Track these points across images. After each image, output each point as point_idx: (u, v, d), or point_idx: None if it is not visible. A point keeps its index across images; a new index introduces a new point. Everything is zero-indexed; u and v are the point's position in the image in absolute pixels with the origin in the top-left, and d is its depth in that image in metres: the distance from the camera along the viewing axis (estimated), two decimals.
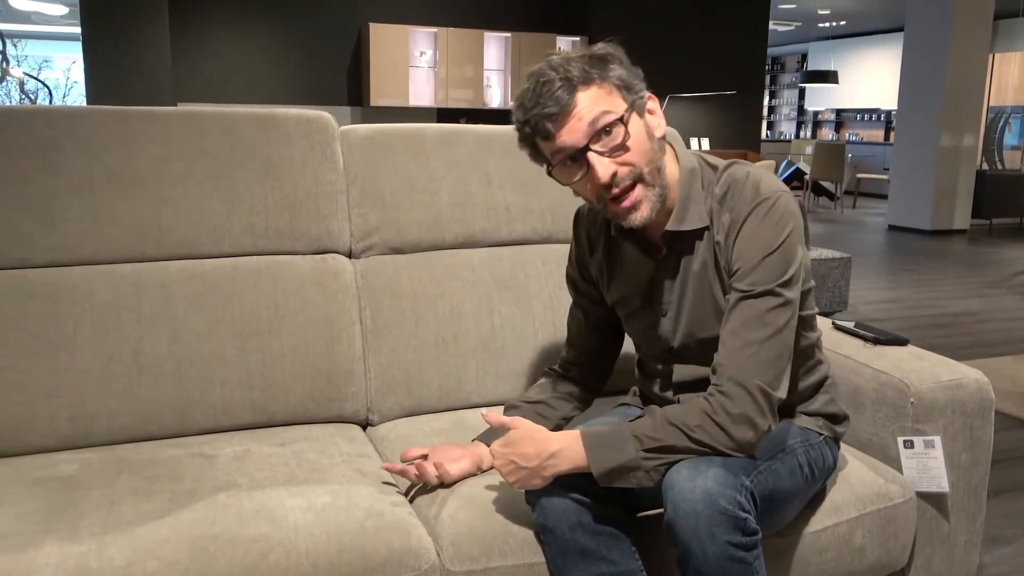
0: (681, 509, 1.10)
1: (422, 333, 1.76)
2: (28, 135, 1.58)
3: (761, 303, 1.22)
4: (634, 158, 1.23)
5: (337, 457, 1.49)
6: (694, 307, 1.34)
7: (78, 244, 1.59)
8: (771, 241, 1.23)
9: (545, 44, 7.76)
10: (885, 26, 13.74)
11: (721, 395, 1.18)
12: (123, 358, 1.57)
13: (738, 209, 1.27)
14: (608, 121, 1.21)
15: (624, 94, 1.24)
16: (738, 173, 1.30)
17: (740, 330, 1.21)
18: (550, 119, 1.21)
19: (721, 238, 1.29)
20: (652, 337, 1.41)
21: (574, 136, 1.21)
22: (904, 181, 9.10)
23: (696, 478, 1.11)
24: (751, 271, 1.23)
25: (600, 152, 1.21)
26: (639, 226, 1.26)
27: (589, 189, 1.25)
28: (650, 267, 1.38)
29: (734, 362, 1.20)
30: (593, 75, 1.23)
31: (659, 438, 1.17)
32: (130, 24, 5.95)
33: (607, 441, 1.18)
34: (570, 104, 1.21)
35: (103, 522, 1.22)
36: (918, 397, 1.53)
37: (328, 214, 1.77)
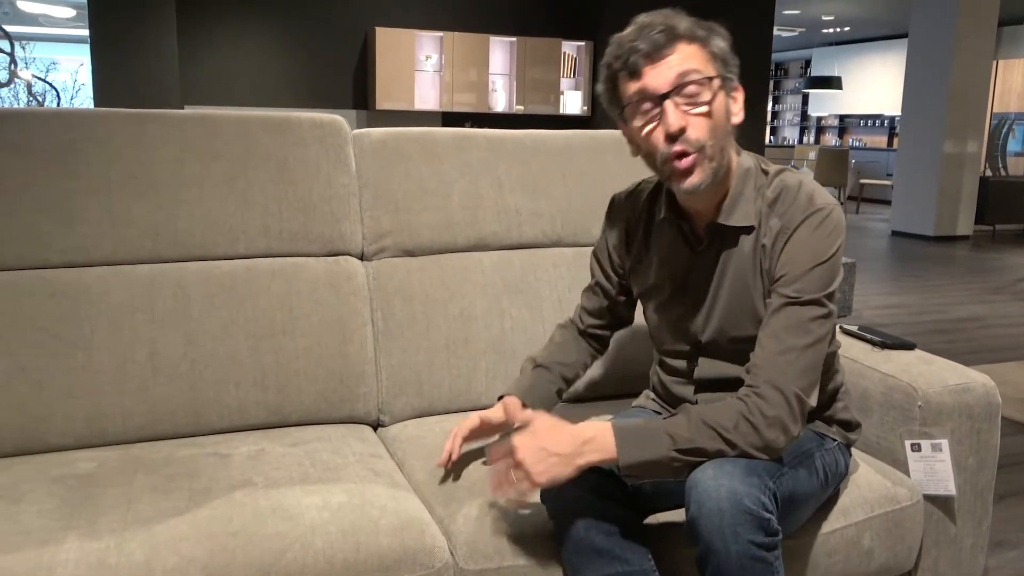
0: (706, 507, 1.11)
1: (433, 335, 1.78)
2: (47, 137, 1.60)
3: (806, 311, 1.23)
4: (706, 127, 1.24)
5: (350, 457, 1.50)
6: (729, 304, 1.35)
7: (95, 245, 1.61)
8: (822, 252, 1.25)
9: (550, 49, 7.79)
10: (889, 32, 13.76)
11: (758, 397, 1.19)
12: (138, 358, 1.58)
13: (789, 216, 1.28)
14: (696, 79, 1.22)
15: (718, 66, 1.26)
16: (790, 180, 1.32)
17: (782, 335, 1.22)
18: (643, 56, 1.22)
19: (768, 242, 1.30)
20: (680, 329, 1.42)
21: (660, 80, 1.22)
22: (908, 187, 9.11)
23: (721, 477, 1.12)
24: (799, 278, 1.24)
25: (677, 104, 1.23)
26: (690, 191, 1.26)
27: (654, 138, 1.25)
28: (689, 257, 1.39)
29: (773, 366, 1.21)
30: (698, 34, 1.25)
31: (693, 438, 1.17)
32: (138, 26, 5.98)
33: (639, 437, 1.18)
34: (666, 49, 1.22)
35: (122, 519, 1.23)
36: (925, 401, 1.54)
37: (341, 217, 1.79)
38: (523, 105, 7.87)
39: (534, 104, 7.90)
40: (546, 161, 1.98)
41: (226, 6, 6.92)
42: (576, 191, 1.98)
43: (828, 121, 16.21)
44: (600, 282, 1.56)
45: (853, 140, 15.58)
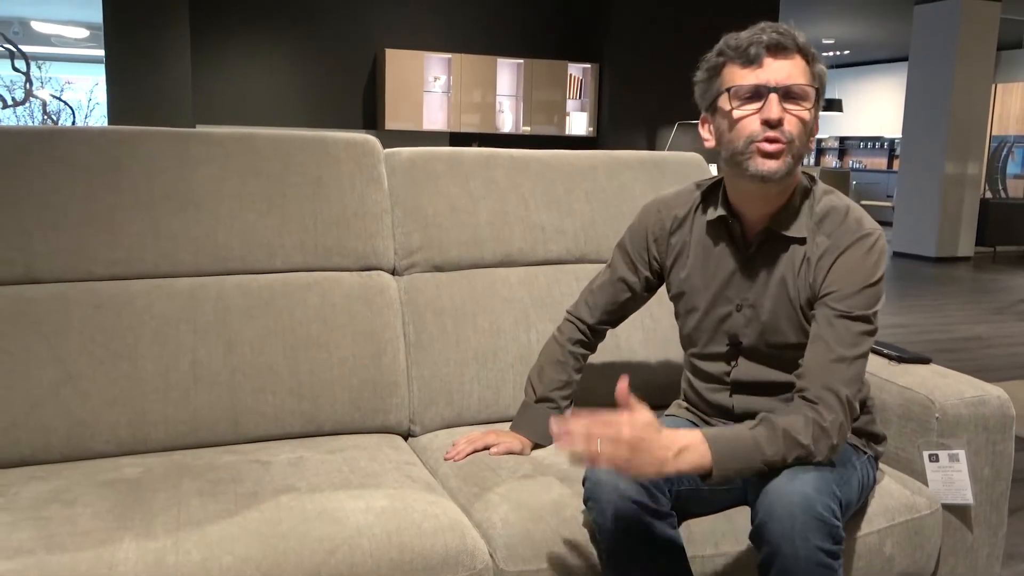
0: (777, 512, 1.15)
1: (462, 347, 1.83)
2: (93, 154, 1.66)
3: (856, 325, 1.30)
4: (799, 128, 1.31)
5: (387, 464, 1.55)
6: (774, 310, 1.41)
7: (139, 258, 1.67)
8: (871, 274, 1.32)
9: (557, 71, 7.90)
10: (889, 56, 13.92)
11: (822, 403, 1.25)
12: (180, 367, 1.64)
13: (838, 236, 1.35)
14: (805, 86, 1.31)
15: (816, 88, 1.34)
16: (838, 203, 1.39)
17: (834, 345, 1.29)
18: (766, 48, 1.29)
19: (813, 257, 1.37)
20: (720, 330, 1.47)
21: (777, 74, 1.29)
22: (909, 208, 9.20)
23: (795, 483, 1.17)
24: (850, 296, 1.31)
25: (780, 101, 1.29)
26: (765, 175, 1.30)
27: (747, 122, 1.31)
28: (737, 259, 1.44)
29: (829, 373, 1.27)
30: (811, 52, 1.34)
31: (779, 451, 1.21)
32: (152, 47, 6.08)
33: (733, 449, 1.21)
34: (788, 51, 1.31)
35: (175, 520, 1.28)
36: (943, 412, 1.59)
37: (374, 233, 1.85)
38: (529, 126, 7.96)
39: (540, 125, 7.99)
40: (569, 180, 2.04)
41: (239, 27, 7.03)
42: (599, 209, 2.04)
43: (828, 143, 16.33)
44: (624, 276, 1.61)
45: (853, 162, 15.69)
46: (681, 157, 2.22)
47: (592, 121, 8.12)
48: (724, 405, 1.49)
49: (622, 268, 1.61)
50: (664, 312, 1.97)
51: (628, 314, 1.66)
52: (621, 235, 2.01)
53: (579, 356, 1.65)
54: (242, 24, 7.03)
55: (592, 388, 1.89)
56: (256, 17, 7.07)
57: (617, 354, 1.93)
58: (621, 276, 1.61)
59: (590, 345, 1.67)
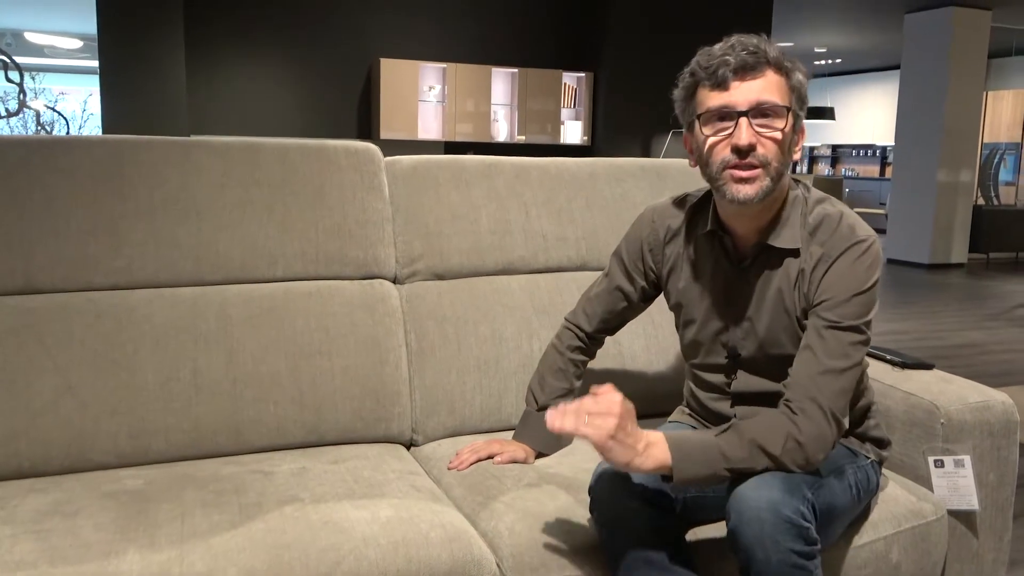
0: (746, 516, 1.16)
1: (464, 356, 1.83)
2: (95, 163, 1.65)
3: (846, 336, 1.29)
4: (774, 149, 1.29)
5: (390, 474, 1.54)
6: (771, 322, 1.40)
7: (140, 267, 1.66)
8: (863, 281, 1.31)
9: (552, 80, 7.91)
10: (880, 64, 13.99)
11: (803, 415, 1.24)
12: (181, 377, 1.62)
13: (831, 244, 1.34)
14: (776, 105, 1.28)
15: (794, 100, 1.32)
16: (831, 210, 1.38)
17: (823, 356, 1.28)
18: (732, 71, 1.27)
19: (807, 267, 1.35)
20: (719, 342, 1.47)
21: (745, 96, 1.27)
22: (902, 216, 9.23)
23: (761, 488, 1.17)
24: (840, 304, 1.30)
25: (751, 124, 1.28)
26: (740, 201, 1.29)
27: (717, 149, 1.30)
28: (730, 273, 1.43)
29: (815, 384, 1.26)
30: (784, 64, 1.31)
31: (744, 458, 1.21)
32: (147, 57, 6.07)
33: (694, 452, 1.21)
34: (755, 70, 1.28)
35: (179, 531, 1.27)
36: (947, 418, 1.59)
37: (375, 241, 1.84)
38: (524, 135, 7.97)
39: (535, 134, 8.00)
40: (571, 188, 2.04)
41: (234, 38, 7.03)
42: (600, 216, 2.04)
43: (820, 151, 16.40)
44: (621, 286, 1.60)
45: (845, 169, 15.76)
46: (682, 164, 2.22)
47: (587, 130, 8.14)
48: (726, 415, 1.48)
49: (619, 277, 1.61)
50: (666, 319, 1.97)
51: (626, 322, 1.66)
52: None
53: (579, 363, 1.65)
54: (237, 35, 7.03)
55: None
56: (251, 27, 7.07)
57: (619, 361, 1.92)
58: (618, 285, 1.61)
59: (589, 352, 1.67)
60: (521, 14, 7.99)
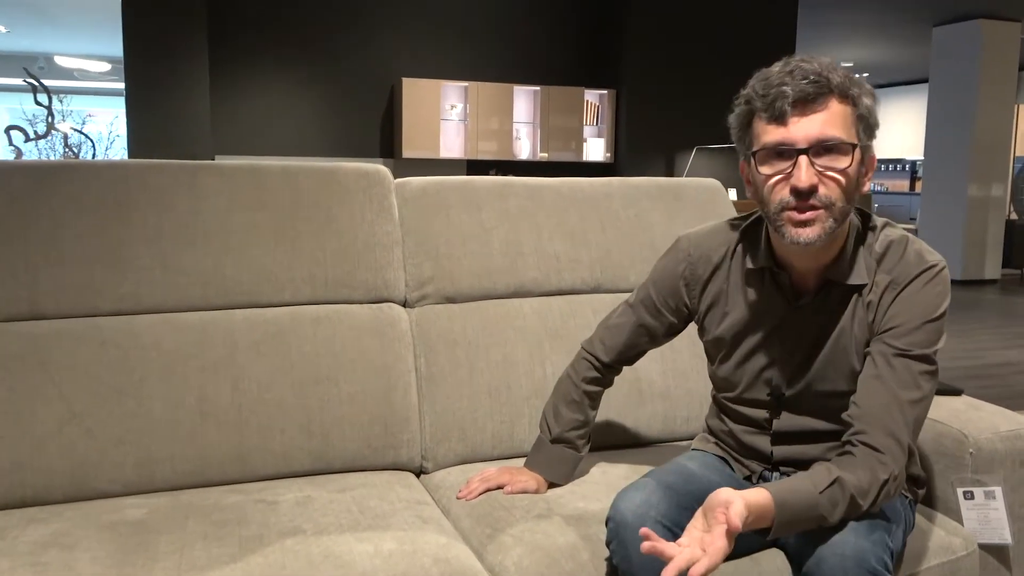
0: (828, 564, 1.10)
1: (475, 381, 1.79)
2: (104, 188, 1.64)
3: (916, 365, 1.23)
4: (837, 190, 1.20)
5: (398, 504, 1.50)
6: (825, 360, 1.32)
7: (147, 293, 1.64)
8: (933, 308, 1.24)
9: (573, 97, 7.90)
10: (909, 78, 13.84)
11: (888, 454, 1.18)
12: (187, 404, 1.60)
13: (900, 271, 1.27)
14: (840, 140, 1.18)
15: (862, 130, 1.23)
16: (895, 236, 1.31)
17: (894, 386, 1.21)
18: (792, 103, 1.17)
19: (875, 297, 1.28)
20: (763, 379, 1.39)
21: (805, 132, 1.17)
22: (933, 231, 9.08)
23: (846, 532, 1.12)
24: (911, 332, 1.23)
25: (812, 163, 1.18)
26: (801, 243, 1.21)
27: (776, 189, 1.21)
28: (785, 309, 1.35)
29: (890, 417, 1.20)
30: (850, 92, 1.20)
31: (842, 512, 1.16)
32: (171, 80, 6.14)
33: (797, 515, 1.14)
34: (817, 103, 1.17)
35: (176, 565, 1.24)
36: (977, 448, 1.52)
37: (385, 264, 1.81)
38: (547, 152, 7.96)
39: (557, 151, 7.98)
40: (584, 208, 2.00)
41: (257, 59, 7.10)
42: (614, 238, 2.00)
43: None
44: (646, 323, 1.52)
45: (874, 184, 15.57)
46: (700, 184, 2.18)
47: (609, 147, 8.10)
48: (762, 451, 1.42)
49: (643, 314, 1.52)
50: (684, 344, 1.91)
51: (644, 353, 1.60)
52: (637, 264, 1.98)
53: (594, 395, 1.59)
54: (260, 55, 7.10)
55: (610, 421, 1.83)
56: (274, 48, 7.14)
57: (636, 386, 1.87)
58: (642, 322, 1.52)
59: (605, 381, 1.61)
60: (542, 32, 7.99)
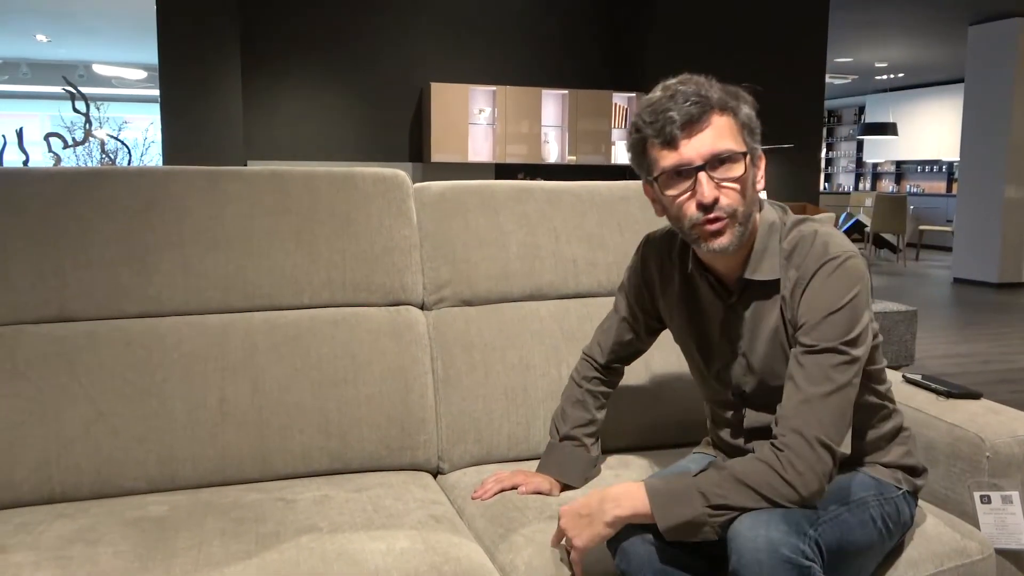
0: (745, 558, 1.11)
1: (492, 383, 1.81)
2: (130, 194, 1.69)
3: (824, 359, 1.23)
4: (737, 196, 1.26)
5: (412, 503, 1.53)
6: (766, 355, 1.36)
7: (169, 296, 1.69)
8: (836, 299, 1.25)
9: (601, 100, 7.89)
10: (944, 78, 13.62)
11: (787, 449, 1.19)
12: (209, 405, 1.64)
13: (805, 266, 1.29)
14: (731, 151, 1.25)
15: (746, 135, 1.28)
16: (806, 231, 1.33)
17: (803, 384, 1.23)
18: (680, 127, 1.23)
19: (787, 293, 1.32)
20: (723, 380, 1.43)
21: (697, 151, 1.24)
22: (969, 233, 8.92)
23: (758, 527, 1.12)
24: (815, 327, 1.25)
25: (711, 177, 1.24)
26: (717, 251, 1.28)
27: (684, 207, 1.27)
28: (721, 309, 1.40)
29: (797, 415, 1.21)
30: (729, 104, 1.27)
31: (725, 495, 1.17)
32: (204, 86, 6.25)
33: (673, 495, 1.19)
34: (701, 121, 1.24)
35: (194, 561, 1.27)
36: (994, 451, 1.51)
37: (402, 268, 1.84)
38: (575, 155, 7.96)
39: (586, 155, 7.98)
40: (602, 212, 2.01)
41: (287, 66, 7.20)
42: (632, 241, 2.00)
43: (884, 167, 16.01)
44: (627, 319, 1.60)
45: (911, 186, 15.34)
46: None
47: None
48: (743, 450, 1.44)
49: (624, 311, 1.61)
50: None
51: (639, 353, 1.65)
52: None
53: (598, 394, 1.63)
54: (291, 61, 7.20)
55: (624, 424, 1.84)
56: (305, 54, 7.23)
57: (650, 388, 1.88)
58: (624, 316, 1.61)
59: (608, 383, 1.65)
60: (570, 35, 8.00)
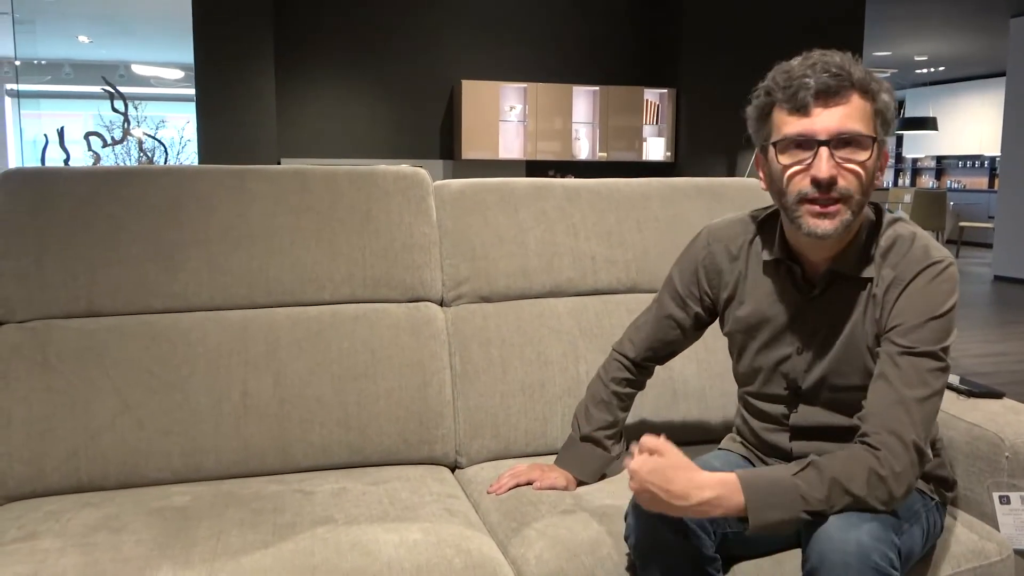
0: (829, 560, 1.09)
1: (509, 379, 1.82)
2: (157, 193, 1.73)
3: (923, 362, 1.22)
4: (856, 182, 1.22)
5: (427, 496, 1.55)
6: (838, 353, 1.33)
7: (195, 292, 1.73)
8: (939, 305, 1.24)
9: (633, 96, 7.86)
10: (986, 71, 13.33)
11: (884, 449, 1.17)
12: (232, 398, 1.68)
13: (903, 267, 1.27)
14: (860, 133, 1.20)
15: (879, 124, 1.24)
16: (903, 232, 1.30)
17: (899, 385, 1.20)
18: (814, 95, 1.19)
19: (879, 292, 1.29)
20: (779, 373, 1.40)
21: (826, 124, 1.19)
22: (1010, 230, 8.74)
23: (850, 530, 1.11)
24: (915, 329, 1.23)
25: (832, 155, 1.20)
26: (818, 236, 1.23)
27: (794, 180, 1.23)
28: (798, 301, 1.36)
29: (893, 416, 1.19)
30: (870, 87, 1.22)
31: (826, 499, 1.15)
32: (239, 86, 6.35)
33: (773, 497, 1.15)
34: (839, 95, 1.19)
35: (213, 550, 1.31)
36: (1013, 451, 1.49)
37: (422, 264, 1.86)
38: (606, 152, 7.94)
39: (617, 151, 7.96)
40: (621, 209, 2.01)
41: (320, 65, 7.28)
42: (651, 238, 2.01)
43: (924, 163, 15.73)
44: (672, 313, 1.53)
45: (951, 182, 15.05)
46: (740, 183, 2.17)
47: (670, 146, 8.04)
48: (782, 448, 1.42)
49: (669, 305, 1.54)
50: (720, 344, 1.90)
51: (676, 352, 1.59)
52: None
53: (624, 395, 1.60)
54: (324, 60, 7.28)
55: (645, 420, 1.85)
56: (337, 54, 7.31)
57: (670, 386, 1.88)
58: (669, 313, 1.54)
59: (636, 383, 1.61)
60: (601, 31, 7.98)
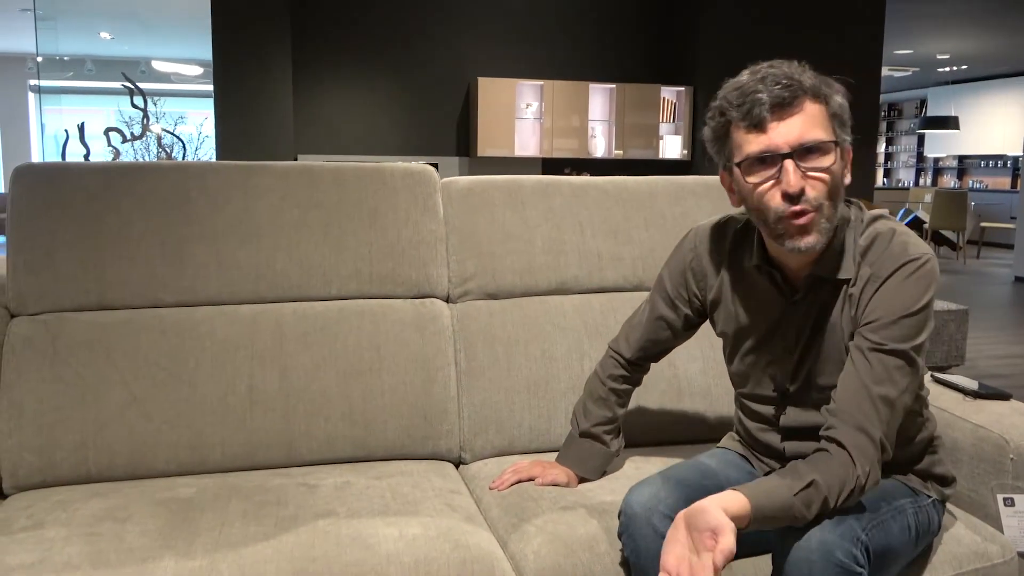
0: (794, 558, 1.10)
1: (514, 375, 1.83)
2: (167, 188, 1.75)
3: (891, 360, 1.21)
4: (824, 189, 1.22)
5: (430, 492, 1.56)
6: (822, 354, 1.33)
7: (203, 287, 1.75)
8: (912, 302, 1.23)
9: (650, 94, 7.84)
10: (1009, 70, 13.18)
11: (855, 450, 1.17)
12: (238, 392, 1.70)
13: (881, 264, 1.26)
14: (821, 140, 1.20)
15: (837, 126, 1.24)
16: (883, 228, 1.29)
17: (868, 381, 1.21)
18: (769, 110, 1.19)
19: (856, 290, 1.28)
20: (767, 375, 1.40)
21: (786, 137, 1.19)
22: None
23: (813, 527, 1.11)
24: (887, 326, 1.22)
25: (798, 166, 1.20)
26: (803, 251, 1.23)
27: (767, 197, 1.23)
28: (781, 306, 1.37)
29: (861, 411, 1.19)
30: (822, 91, 1.22)
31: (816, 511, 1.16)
32: (257, 82, 6.39)
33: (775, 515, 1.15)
34: (792, 106, 1.19)
35: (215, 541, 1.32)
36: (1018, 453, 1.48)
37: (428, 261, 1.87)
38: (622, 150, 7.93)
39: (634, 149, 7.95)
40: (628, 207, 2.01)
41: (337, 62, 7.31)
42: (658, 236, 2.01)
43: (945, 162, 15.56)
44: (663, 315, 1.54)
45: (973, 182, 14.88)
46: None
47: (686, 144, 8.02)
48: (775, 447, 1.43)
49: (661, 306, 1.55)
50: None
51: (668, 350, 1.61)
52: None
53: (620, 392, 1.61)
54: (341, 58, 7.31)
55: (649, 417, 1.85)
56: (354, 51, 7.34)
57: (675, 384, 1.88)
58: (660, 314, 1.55)
59: (632, 380, 1.63)
60: (617, 29, 7.96)
